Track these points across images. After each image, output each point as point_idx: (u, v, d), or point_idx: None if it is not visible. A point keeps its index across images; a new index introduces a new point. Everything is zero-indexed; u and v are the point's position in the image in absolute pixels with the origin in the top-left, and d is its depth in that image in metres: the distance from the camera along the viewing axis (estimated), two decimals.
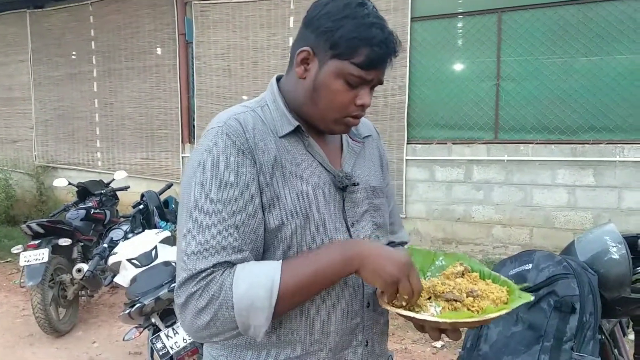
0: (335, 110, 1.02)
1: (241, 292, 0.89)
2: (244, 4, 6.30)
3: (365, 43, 0.96)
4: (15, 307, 4.70)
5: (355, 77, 0.98)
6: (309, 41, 1.02)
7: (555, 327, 1.60)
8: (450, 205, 5.44)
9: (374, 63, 0.98)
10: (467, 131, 5.31)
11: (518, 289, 1.04)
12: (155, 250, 3.10)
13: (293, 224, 0.98)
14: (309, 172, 1.03)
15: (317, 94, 1.02)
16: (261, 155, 0.98)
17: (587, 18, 4.75)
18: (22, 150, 8.35)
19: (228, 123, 0.99)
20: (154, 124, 7.12)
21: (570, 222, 4.92)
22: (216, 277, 0.91)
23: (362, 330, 1.08)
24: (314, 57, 1.01)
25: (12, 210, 7.94)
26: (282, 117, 1.05)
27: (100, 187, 5.04)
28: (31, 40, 7.99)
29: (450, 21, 5.36)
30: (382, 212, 1.17)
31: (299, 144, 1.05)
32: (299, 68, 1.03)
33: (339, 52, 0.97)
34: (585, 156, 4.80)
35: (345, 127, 1.05)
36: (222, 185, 0.94)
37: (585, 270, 1.72)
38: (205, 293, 0.90)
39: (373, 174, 1.18)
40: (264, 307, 0.90)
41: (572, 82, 4.85)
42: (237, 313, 0.90)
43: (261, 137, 1.00)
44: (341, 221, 1.06)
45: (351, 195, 1.10)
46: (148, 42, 7.04)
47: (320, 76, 1.00)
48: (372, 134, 1.26)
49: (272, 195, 0.98)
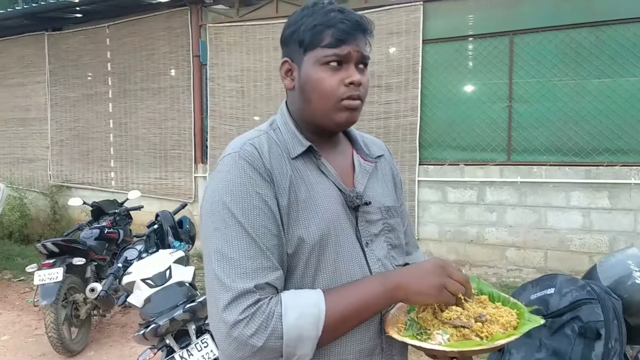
0: (327, 97, 1.03)
1: (291, 322, 0.90)
2: (258, 26, 6.40)
3: (327, 26, 1.01)
4: (27, 326, 4.70)
5: (330, 56, 1.01)
6: (285, 54, 1.09)
7: (580, 354, 1.57)
8: (463, 227, 5.40)
9: (341, 38, 1.00)
10: (480, 152, 5.31)
11: (527, 311, 1.02)
12: (169, 271, 3.10)
13: (309, 245, 0.99)
14: (322, 192, 1.04)
15: (305, 90, 1.05)
16: (278, 177, 1.00)
17: (600, 40, 4.77)
18: (37, 169, 8.46)
19: (244, 148, 1.01)
20: (167, 144, 7.19)
21: (585, 245, 4.86)
22: (263, 305, 0.91)
23: (382, 352, 1.07)
24: (293, 64, 1.07)
25: (26, 229, 8.01)
26: (293, 139, 1.07)
27: (114, 206, 5.07)
28: (49, 61, 8.16)
29: (462, 43, 5.41)
30: (397, 233, 1.17)
31: (311, 164, 1.06)
32: (286, 81, 1.09)
33: (307, 43, 1.02)
34: (599, 178, 4.77)
35: (348, 112, 1.05)
36: (247, 207, 0.95)
37: (609, 295, 1.69)
38: (253, 321, 0.89)
39: (386, 194, 1.18)
40: (311, 337, 0.91)
41: (585, 103, 4.85)
42: (285, 343, 0.90)
43: (276, 159, 1.02)
44: (355, 241, 1.07)
45: (365, 215, 1.10)
46: (163, 63, 7.16)
47: (302, 74, 1.05)
48: (385, 154, 1.26)
49: (289, 216, 0.99)
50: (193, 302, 2.72)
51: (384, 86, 5.62)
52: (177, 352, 2.61)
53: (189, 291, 2.95)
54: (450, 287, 0.95)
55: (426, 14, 5.42)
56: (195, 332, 2.71)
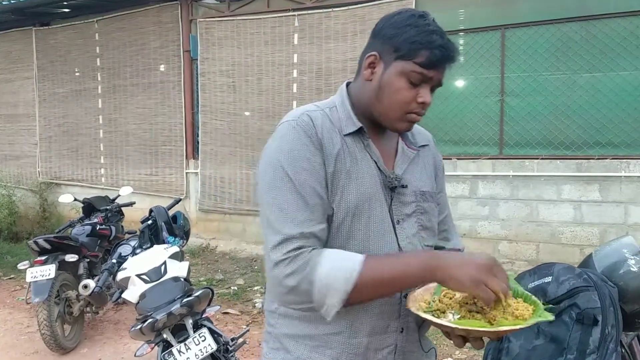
0: (398, 106, 1.11)
1: (324, 271, 0.99)
2: (249, 21, 6.37)
3: (426, 46, 1.07)
4: (19, 324, 4.65)
5: (417, 74, 1.08)
6: (375, 48, 1.14)
7: (578, 340, 1.59)
8: (455, 221, 5.36)
9: (434, 63, 1.07)
10: (472, 146, 5.34)
11: (543, 309, 1.05)
12: (164, 266, 3.08)
13: (345, 210, 1.10)
14: (364, 169, 1.14)
15: (382, 92, 1.12)
16: (327, 147, 1.10)
17: (590, 34, 4.82)
18: (26, 166, 8.36)
19: (301, 118, 1.11)
20: (158, 140, 7.14)
21: (576, 238, 4.92)
22: (305, 252, 1.02)
23: (399, 317, 1.15)
24: (380, 61, 1.13)
25: (15, 226, 7.91)
26: (347, 118, 1.16)
27: (106, 203, 5.03)
28: (37, 57, 8.07)
29: (454, 38, 5.42)
30: (429, 216, 1.25)
31: (359, 143, 1.16)
32: (366, 71, 1.15)
33: (402, 53, 1.08)
34: (590, 171, 4.82)
35: (408, 123, 1.15)
36: (298, 169, 1.06)
37: (605, 282, 1.72)
38: (293, 263, 1.01)
39: (424, 180, 1.26)
40: (339, 289, 0.99)
41: (576, 97, 4.89)
42: (316, 287, 1.00)
43: (328, 132, 1.12)
44: (388, 217, 1.15)
45: (399, 196, 1.18)
46: (153, 59, 7.10)
47: (386, 76, 1.11)
48: (430, 144, 1.35)
49: (333, 183, 1.10)
50: (190, 296, 2.71)
51: None
52: (175, 347, 2.60)
53: (184, 286, 2.94)
54: (491, 285, 0.97)
55: (418, 8, 5.41)
56: (192, 326, 2.70)
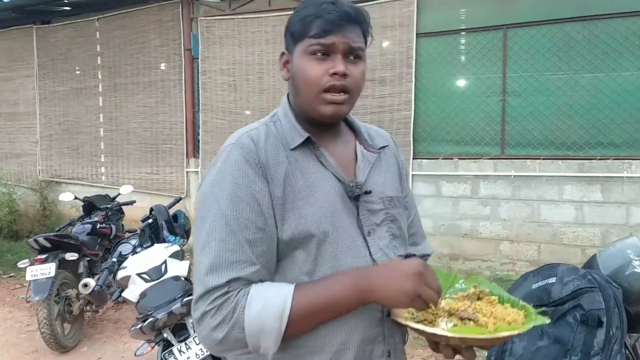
0: (311, 86, 1.03)
1: (253, 315, 0.93)
2: (250, 19, 6.35)
3: (315, 16, 1.01)
4: (19, 322, 4.64)
5: (315, 45, 1.01)
6: (285, 46, 1.11)
7: (582, 341, 1.58)
8: (457, 220, 5.42)
9: (327, 28, 1.00)
10: (474, 146, 5.32)
11: (535, 313, 1.04)
12: (164, 265, 3.07)
13: (306, 234, 1.00)
14: (320, 183, 1.04)
15: (295, 81, 1.06)
16: (272, 169, 1.01)
17: (593, 34, 4.80)
18: (26, 164, 8.35)
19: (240, 140, 1.03)
20: (158, 138, 7.13)
21: (578, 238, 4.90)
22: (231, 297, 0.94)
23: (384, 340, 1.08)
24: (289, 55, 1.09)
25: (15, 225, 7.89)
26: (292, 130, 1.07)
27: (106, 201, 5.03)
28: (37, 55, 8.05)
29: (455, 37, 5.41)
30: (399, 223, 1.16)
31: (310, 155, 1.07)
32: (283, 71, 1.11)
33: (298, 34, 1.04)
34: (592, 172, 4.80)
35: (332, 106, 1.03)
36: (234, 200, 0.97)
37: (609, 283, 1.71)
38: (219, 313, 0.93)
39: (389, 184, 1.17)
40: (273, 331, 0.93)
41: (578, 97, 4.88)
42: (247, 334, 0.93)
43: (273, 151, 1.03)
44: (357, 230, 1.07)
45: (366, 205, 1.10)
46: (154, 57, 7.09)
47: (294, 64, 1.06)
48: (389, 144, 1.25)
49: (284, 208, 1.00)
50: (190, 295, 2.70)
51: (378, 80, 5.61)
52: (175, 346, 2.59)
53: (185, 285, 2.93)
54: (425, 295, 0.93)
55: (420, 8, 5.41)
56: (193, 325, 2.69)
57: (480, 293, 1.09)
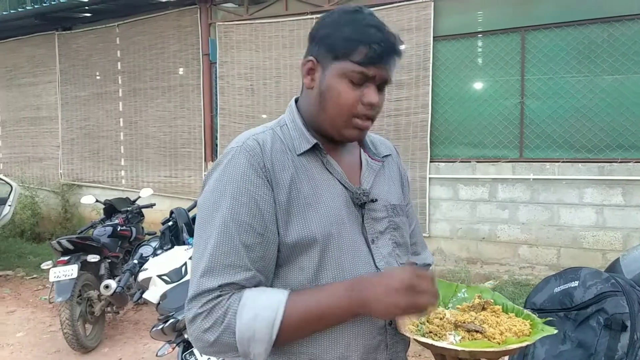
0: (342, 110, 1.02)
1: (244, 321, 0.92)
2: (267, 24, 6.41)
3: (363, 42, 0.98)
4: (42, 323, 4.73)
5: (357, 73, 0.99)
6: (312, 53, 1.06)
7: (606, 346, 1.57)
8: (474, 224, 5.39)
9: (373, 59, 0.99)
10: (492, 149, 5.29)
11: (541, 322, 1.04)
12: (185, 267, 3.11)
13: (310, 240, 0.99)
14: (326, 190, 1.04)
15: (324, 98, 1.03)
16: (277, 174, 1.00)
17: (612, 36, 4.74)
18: (48, 168, 8.51)
19: (246, 143, 1.02)
20: (177, 142, 7.21)
21: (599, 242, 4.83)
22: (223, 301, 0.93)
23: (386, 349, 1.07)
24: (318, 65, 1.04)
25: (37, 227, 8.07)
26: (300, 136, 1.07)
27: (127, 204, 5.10)
28: (59, 61, 8.21)
29: (473, 40, 5.39)
30: (402, 231, 1.17)
31: (317, 161, 1.06)
32: (306, 79, 1.07)
33: (339, 53, 1.00)
34: (613, 175, 4.74)
35: (357, 131, 1.05)
36: (235, 204, 0.97)
37: (633, 287, 1.69)
38: (210, 316, 0.93)
39: (393, 192, 1.18)
40: (263, 339, 0.92)
41: (598, 100, 4.82)
42: (238, 341, 0.93)
43: (279, 156, 1.02)
44: (361, 238, 1.07)
45: (370, 212, 1.10)
46: (172, 62, 7.18)
47: (325, 80, 1.03)
48: (392, 153, 1.26)
49: (289, 213, 1.00)
50: None
51: (395, 83, 5.61)
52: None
53: None
54: (419, 304, 0.91)
55: (437, 11, 5.40)
56: None
57: (485, 303, 1.10)
